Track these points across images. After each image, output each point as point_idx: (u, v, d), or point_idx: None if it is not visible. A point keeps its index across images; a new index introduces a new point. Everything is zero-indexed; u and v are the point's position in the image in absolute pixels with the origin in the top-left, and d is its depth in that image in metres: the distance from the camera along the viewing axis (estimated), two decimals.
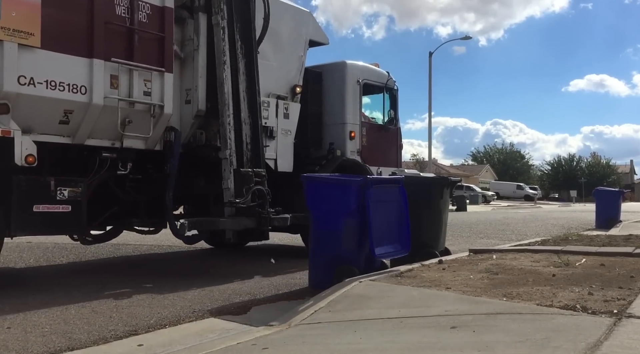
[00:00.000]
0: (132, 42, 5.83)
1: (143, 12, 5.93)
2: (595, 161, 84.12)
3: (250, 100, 6.75)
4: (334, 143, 8.57)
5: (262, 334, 3.23)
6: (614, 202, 14.66)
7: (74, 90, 5.38)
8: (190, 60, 6.56)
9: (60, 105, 5.33)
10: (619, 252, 5.93)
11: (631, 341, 2.52)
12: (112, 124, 5.71)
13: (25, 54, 5.02)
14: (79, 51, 5.41)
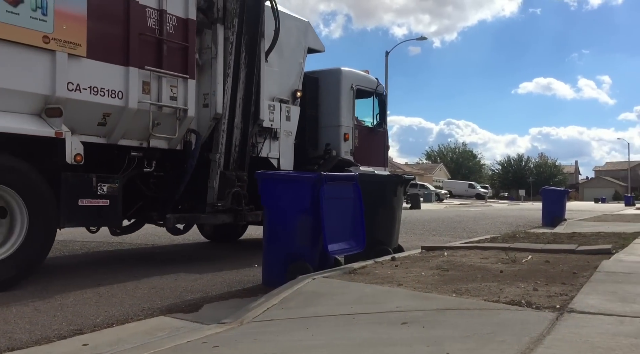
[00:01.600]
0: (161, 51, 6.38)
1: (170, 23, 6.49)
2: (543, 161, 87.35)
3: (245, 107, 7.29)
4: (330, 144, 9.15)
5: (213, 332, 3.18)
6: (559, 201, 15.23)
7: (112, 95, 5.90)
8: (208, 67, 7.01)
9: (100, 109, 5.84)
10: (563, 249, 6.16)
11: (572, 335, 2.61)
12: (143, 126, 6.27)
13: (73, 63, 5.54)
14: (117, 60, 5.95)
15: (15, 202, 5.14)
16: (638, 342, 2.45)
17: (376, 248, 5.91)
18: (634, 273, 4.45)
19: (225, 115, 7.01)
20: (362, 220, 5.38)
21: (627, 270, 4.66)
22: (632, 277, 4.27)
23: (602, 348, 2.37)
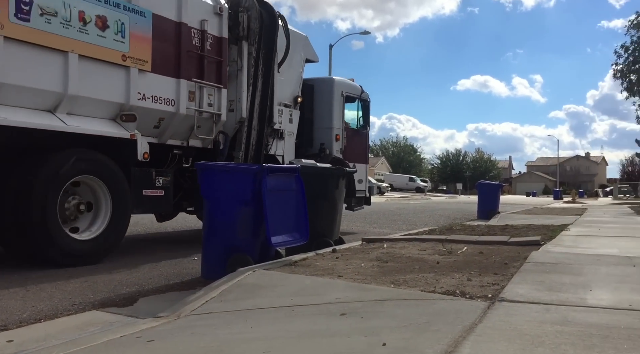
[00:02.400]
0: (203, 65, 7.61)
1: (208, 41, 7.69)
2: (479, 156, 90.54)
3: (261, 111, 8.45)
4: (324, 144, 10.45)
5: (148, 326, 3.09)
6: (494, 195, 15.82)
7: (167, 103, 7.14)
8: (234, 77, 8.23)
9: (158, 114, 7.08)
10: (496, 241, 6.40)
11: (502, 323, 2.72)
12: (186, 128, 7.55)
13: (141, 76, 6.74)
14: (171, 73, 7.19)
15: (102, 191, 6.24)
16: (563, 329, 2.58)
17: (317, 240, 5.93)
18: (560, 264, 4.69)
19: (246, 120, 8.25)
20: (305, 212, 5.38)
21: (554, 260, 4.90)
22: (558, 267, 4.50)
23: (529, 335, 2.47)
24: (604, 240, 7.01)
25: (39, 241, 5.61)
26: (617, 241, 6.83)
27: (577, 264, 4.68)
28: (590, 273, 4.23)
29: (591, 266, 4.59)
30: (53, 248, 5.68)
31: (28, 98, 5.76)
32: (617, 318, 2.79)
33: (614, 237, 7.49)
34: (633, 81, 33.85)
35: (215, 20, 7.82)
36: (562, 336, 2.45)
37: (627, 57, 34.08)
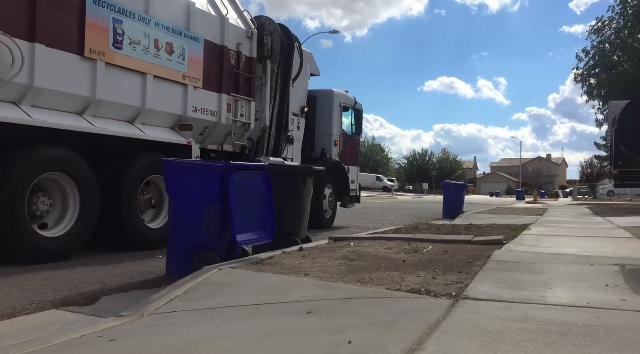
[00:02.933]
0: (237, 81, 9.01)
1: (242, 61, 9.09)
2: (445, 156, 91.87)
3: (278, 120, 10.14)
4: (325, 148, 11.81)
5: (110, 325, 3.02)
6: (458, 194, 16.07)
7: (212, 114, 8.49)
8: (259, 91, 9.63)
9: (204, 124, 8.39)
10: (460, 240, 6.51)
11: (465, 321, 2.76)
12: (223, 135, 8.94)
13: (195, 92, 8.10)
14: (215, 89, 8.54)
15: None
16: (523, 326, 2.64)
17: (284, 239, 5.91)
18: (522, 262, 4.80)
19: (268, 127, 9.84)
20: (272, 210, 5.36)
21: (516, 259, 5.02)
22: (519, 266, 4.60)
23: (491, 332, 2.52)
24: (564, 240, 7.21)
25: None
26: (575, 241, 7.03)
27: (537, 263, 4.80)
28: (550, 272, 4.34)
29: (551, 264, 4.71)
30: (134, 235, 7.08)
31: (116, 111, 7.06)
32: (575, 315, 2.87)
33: (573, 237, 7.71)
34: (593, 85, 34.94)
35: (247, 43, 9.29)
36: (522, 333, 2.51)
37: (587, 61, 35.14)
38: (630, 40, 33.73)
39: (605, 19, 34.70)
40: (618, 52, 34.31)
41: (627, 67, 32.86)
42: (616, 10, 34.25)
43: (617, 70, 33.59)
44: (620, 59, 33.95)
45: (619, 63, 33.92)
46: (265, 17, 10.35)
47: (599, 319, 2.81)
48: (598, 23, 34.93)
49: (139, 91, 7.25)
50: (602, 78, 34.29)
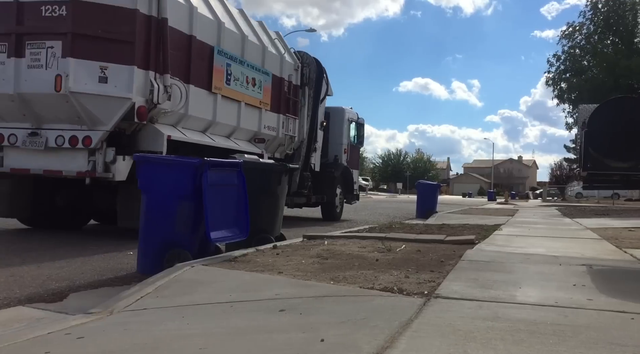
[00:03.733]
0: (288, 104, 11.84)
1: (291, 88, 11.91)
2: (419, 157, 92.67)
3: (310, 134, 12.80)
4: (337, 155, 14.57)
5: (78, 322, 2.96)
6: (432, 194, 16.22)
7: (273, 130, 11.20)
8: (299, 110, 12.43)
9: (269, 137, 11.04)
10: (433, 239, 6.57)
11: (437, 319, 2.79)
12: (277, 145, 11.70)
13: (265, 114, 10.73)
14: (276, 110, 11.20)
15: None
16: (493, 324, 2.68)
17: (258, 236, 5.89)
18: (493, 262, 4.87)
19: (304, 139, 12.56)
20: (246, 208, 5.32)
21: (487, 258, 5.09)
22: (491, 265, 4.67)
23: (462, 331, 2.55)
24: (533, 240, 7.34)
25: None
26: (545, 241, 7.17)
27: (508, 262, 4.88)
28: (520, 271, 4.42)
29: (521, 264, 4.79)
30: None
31: (223, 129, 9.65)
32: (544, 314, 2.93)
33: (542, 237, 7.86)
34: (564, 89, 35.69)
35: (295, 74, 12.14)
36: (492, 332, 2.54)
37: (558, 66, 35.89)
38: (600, 46, 34.58)
39: (576, 25, 35.50)
40: (588, 57, 35.13)
41: (596, 72, 33.67)
42: (587, 16, 35.07)
43: (586, 75, 34.39)
44: (590, 64, 34.77)
45: (589, 68, 34.73)
46: (304, 52, 13.02)
47: (566, 318, 2.87)
48: (569, 28, 35.71)
49: (236, 114, 9.90)
50: (572, 83, 35.07)
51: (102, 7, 7.35)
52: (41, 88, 7.33)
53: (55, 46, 7.28)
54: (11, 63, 7.45)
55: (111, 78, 7.38)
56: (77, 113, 7.41)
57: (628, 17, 33.89)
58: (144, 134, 7.87)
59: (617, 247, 6.30)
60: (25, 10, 7.42)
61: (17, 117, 7.74)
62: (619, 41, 34.34)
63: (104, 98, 7.38)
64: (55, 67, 7.27)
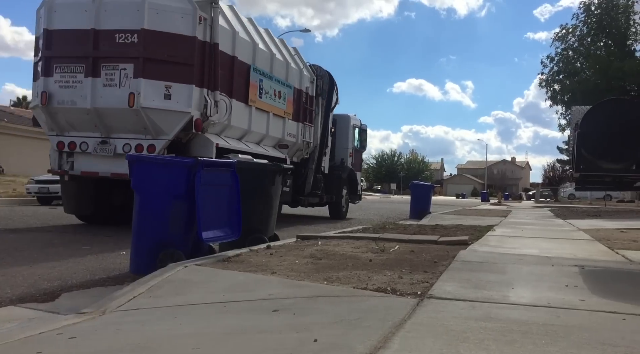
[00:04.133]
0: (306, 113, 13.21)
1: (307, 98, 13.28)
2: (413, 157, 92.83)
3: (322, 139, 14.23)
4: (343, 159, 15.86)
5: (70, 322, 2.94)
6: (426, 195, 16.26)
7: (293, 137, 12.57)
8: (313, 119, 13.79)
9: (290, 143, 12.41)
10: (426, 240, 6.59)
11: (430, 320, 2.79)
12: (296, 150, 12.92)
13: (287, 122, 12.17)
14: (296, 119, 12.61)
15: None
16: (486, 325, 2.69)
17: (252, 236, 5.88)
18: (486, 262, 4.89)
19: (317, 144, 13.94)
20: (239, 208, 5.31)
21: (480, 259, 5.10)
22: (484, 266, 4.68)
23: (455, 331, 2.56)
24: (526, 241, 7.37)
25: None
26: (537, 242, 7.20)
27: (501, 263, 4.90)
28: (513, 272, 4.43)
29: (514, 265, 4.81)
30: None
31: (255, 137, 11.05)
32: (536, 315, 2.94)
33: (535, 238, 7.90)
34: (557, 91, 35.86)
35: (311, 86, 13.57)
36: (485, 332, 2.55)
37: (551, 68, 36.04)
38: (593, 48, 34.78)
39: (569, 27, 35.67)
40: (581, 59, 35.31)
41: (589, 74, 33.84)
42: (580, 19, 35.26)
43: (580, 77, 34.57)
44: (583, 66, 34.94)
45: (582, 70, 34.91)
46: (317, 66, 14.30)
47: (558, 318, 2.88)
48: (562, 30, 35.88)
49: (266, 123, 11.31)
50: (565, 85, 35.24)
51: (167, 35, 8.68)
52: (115, 103, 8.62)
53: (127, 68, 8.61)
54: (88, 82, 8.69)
55: (174, 95, 8.73)
56: (144, 124, 8.72)
57: (620, 19, 34.11)
58: (197, 142, 9.21)
59: (609, 248, 6.34)
60: (100, 37, 8.71)
61: (89, 128, 9.00)
62: (611, 43, 34.55)
63: (168, 113, 8.73)
64: (127, 86, 8.58)
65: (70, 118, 9.02)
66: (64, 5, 8.93)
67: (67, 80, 8.85)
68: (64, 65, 8.87)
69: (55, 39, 8.96)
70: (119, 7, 8.70)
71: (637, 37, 34.34)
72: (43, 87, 8.89)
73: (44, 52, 9.00)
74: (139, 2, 8.55)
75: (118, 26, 8.66)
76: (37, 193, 18.03)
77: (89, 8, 8.73)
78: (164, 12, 8.67)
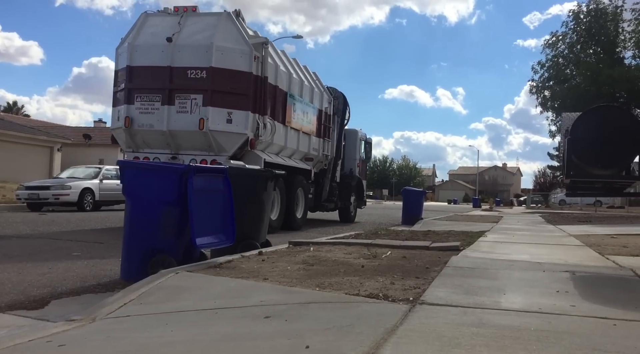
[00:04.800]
0: (325, 130, 15.07)
1: (326, 117, 15.16)
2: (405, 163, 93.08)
3: (337, 151, 15.91)
4: (352, 169, 17.45)
5: (60, 329, 2.92)
6: (418, 201, 16.31)
7: (316, 151, 14.34)
8: (331, 134, 15.56)
9: (312, 156, 14.15)
10: (418, 246, 6.60)
11: (422, 325, 2.79)
12: (317, 162, 14.68)
13: (312, 139, 14.08)
14: (319, 135, 14.52)
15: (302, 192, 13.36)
16: (478, 331, 2.69)
17: (244, 242, 5.86)
18: (478, 268, 4.90)
19: (332, 158, 15.64)
20: (232, 214, 5.29)
21: (472, 265, 5.12)
22: (475, 272, 4.70)
23: (447, 337, 2.56)
24: (518, 247, 7.40)
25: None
26: (529, 248, 7.23)
27: (492, 269, 4.91)
28: (504, 278, 4.45)
29: (505, 271, 4.82)
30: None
31: (288, 152, 12.85)
32: (527, 321, 2.95)
33: (527, 244, 7.93)
34: (547, 97, 36.13)
35: (329, 106, 15.45)
36: (477, 338, 2.55)
37: (542, 74, 36.31)
38: (583, 55, 35.10)
39: (559, 34, 35.99)
40: (571, 66, 35.62)
41: (579, 81, 34.13)
42: (570, 26, 35.59)
43: (570, 84, 34.85)
44: (573, 73, 35.25)
45: (572, 77, 35.21)
46: (333, 88, 16.16)
47: (550, 324, 2.89)
48: (552, 38, 36.18)
49: (297, 140, 13.12)
50: (555, 91, 35.50)
51: (229, 71, 10.66)
52: (187, 127, 10.56)
53: (197, 98, 10.54)
54: (164, 109, 10.61)
55: (234, 120, 10.67)
56: (210, 143, 10.65)
57: (609, 27, 34.48)
58: (248, 157, 10.98)
59: (600, 254, 6.38)
60: (175, 73, 10.63)
61: (162, 146, 10.84)
62: (601, 50, 34.90)
63: (230, 134, 10.72)
64: (198, 112, 10.49)
65: (147, 138, 10.87)
66: (144, 46, 10.85)
67: (146, 107, 10.72)
68: (144, 95, 10.76)
69: (136, 73, 10.86)
70: (191, 48, 10.66)
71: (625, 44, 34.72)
72: (126, 112, 10.76)
73: (127, 84, 10.83)
74: (208, 45, 10.51)
75: (190, 64, 10.59)
76: (27, 200, 17.90)
77: (166, 49, 10.66)
78: (227, 52, 10.67)
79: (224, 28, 10.82)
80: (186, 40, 10.69)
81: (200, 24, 10.94)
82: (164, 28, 10.90)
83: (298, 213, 12.91)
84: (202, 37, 10.66)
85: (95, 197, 18.71)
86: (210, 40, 10.53)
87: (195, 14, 11.09)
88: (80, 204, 18.15)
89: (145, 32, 11.05)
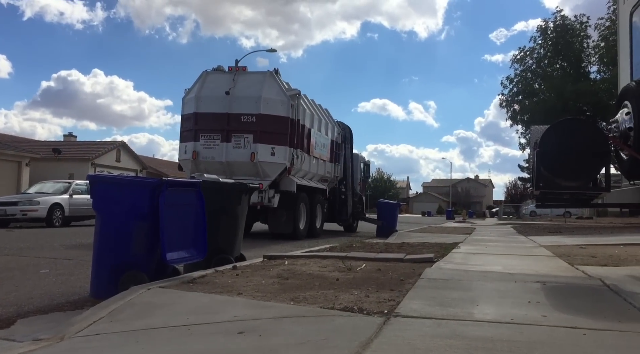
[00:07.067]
0: (336, 156, 18.02)
1: (335, 145, 17.93)
2: (379, 176, 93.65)
3: (345, 172, 18.64)
4: (354, 187, 19.38)
5: (26, 350, 2.83)
6: (392, 213, 16.43)
7: (329, 174, 17.52)
8: (340, 158, 18.47)
9: (327, 178, 17.54)
10: (393, 258, 6.62)
11: (396, 338, 2.80)
12: (329, 182, 17.70)
13: (326, 164, 17.24)
14: (331, 161, 17.70)
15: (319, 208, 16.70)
16: (452, 342, 2.70)
17: (218, 257, 5.80)
18: (451, 280, 4.94)
19: (347, 177, 18.62)
20: (204, 228, 5.23)
21: (445, 276, 5.15)
22: (449, 283, 4.73)
23: (421, 349, 2.56)
24: (490, 258, 7.49)
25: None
26: (501, 259, 7.32)
27: (466, 280, 4.95)
28: (477, 289, 4.49)
29: (478, 282, 4.87)
30: None
31: (309, 176, 15.72)
32: (500, 331, 2.98)
33: (499, 255, 8.02)
34: (516, 111, 36.92)
35: (338, 136, 18.21)
36: (451, 350, 2.57)
37: (511, 89, 37.14)
38: (550, 70, 36.04)
39: (527, 49, 36.92)
40: (539, 81, 36.52)
41: (547, 95, 35.00)
42: (537, 41, 36.54)
43: (538, 98, 35.70)
44: (541, 87, 36.14)
45: (540, 91, 36.08)
46: (340, 121, 18.87)
47: (522, 334, 2.92)
48: (520, 53, 37.11)
49: (316, 166, 16.05)
50: (524, 105, 36.33)
51: (273, 117, 13.83)
52: (241, 159, 13.71)
53: (249, 137, 13.72)
54: (223, 145, 13.85)
55: (276, 153, 13.77)
56: (257, 171, 13.71)
57: (575, 43, 35.53)
58: (285, 181, 13.99)
59: (570, 264, 6.49)
60: (231, 118, 13.89)
61: (219, 172, 12.26)
62: (567, 65, 35.90)
63: (273, 164, 13.79)
64: (249, 148, 13.66)
65: (209, 167, 13.43)
66: (207, 97, 14.20)
67: (209, 143, 13.97)
68: (207, 134, 14.03)
69: (201, 118, 14.14)
70: (243, 99, 13.90)
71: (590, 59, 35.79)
72: (193, 147, 14.03)
73: (194, 126, 14.16)
74: (257, 97, 13.80)
75: (243, 111, 13.83)
76: None
77: (224, 100, 13.95)
78: (272, 102, 13.91)
79: (268, 84, 14.06)
80: (240, 93, 13.95)
81: (249, 80, 14.20)
82: (221, 83, 14.17)
83: (317, 223, 15.97)
84: (253, 91, 13.90)
85: (65, 213, 18.33)
86: (259, 93, 13.83)
87: (245, 72, 14.52)
88: (49, 220, 17.74)
89: (207, 87, 14.34)
